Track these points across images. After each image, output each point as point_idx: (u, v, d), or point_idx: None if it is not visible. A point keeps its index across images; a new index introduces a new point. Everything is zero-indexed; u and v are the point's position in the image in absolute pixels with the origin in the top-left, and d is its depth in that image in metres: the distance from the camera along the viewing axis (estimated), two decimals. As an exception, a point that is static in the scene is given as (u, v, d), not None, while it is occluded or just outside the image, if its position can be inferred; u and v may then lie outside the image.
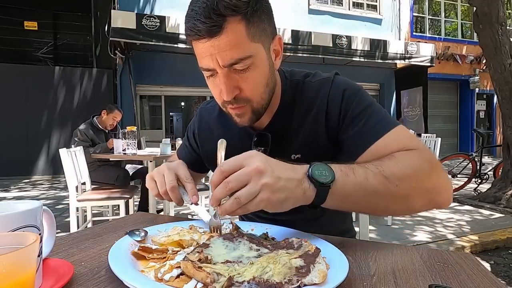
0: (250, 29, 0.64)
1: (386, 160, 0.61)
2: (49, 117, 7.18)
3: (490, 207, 4.05)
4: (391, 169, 0.59)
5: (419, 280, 0.46)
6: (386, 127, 0.69)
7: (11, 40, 7.95)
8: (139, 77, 7.50)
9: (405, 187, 0.59)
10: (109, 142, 3.31)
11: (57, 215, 3.80)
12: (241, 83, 0.68)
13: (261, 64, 0.69)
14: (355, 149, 0.71)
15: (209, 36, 0.61)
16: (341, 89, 0.76)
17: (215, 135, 0.89)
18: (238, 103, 0.70)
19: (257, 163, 0.50)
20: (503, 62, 4.15)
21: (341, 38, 7.26)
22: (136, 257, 0.51)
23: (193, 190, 0.68)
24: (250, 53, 0.65)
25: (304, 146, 0.79)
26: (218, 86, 0.68)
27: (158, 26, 5.95)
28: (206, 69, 0.68)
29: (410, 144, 0.67)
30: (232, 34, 0.62)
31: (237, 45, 0.63)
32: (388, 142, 0.67)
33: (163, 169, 0.71)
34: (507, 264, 2.61)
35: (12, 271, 0.32)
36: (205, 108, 0.96)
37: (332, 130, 0.76)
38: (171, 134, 9.55)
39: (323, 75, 0.82)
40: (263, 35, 0.67)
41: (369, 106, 0.73)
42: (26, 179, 6.96)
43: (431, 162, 0.64)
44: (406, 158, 0.62)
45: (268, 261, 0.45)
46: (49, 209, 0.51)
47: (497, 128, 10.82)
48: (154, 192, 0.72)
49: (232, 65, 0.65)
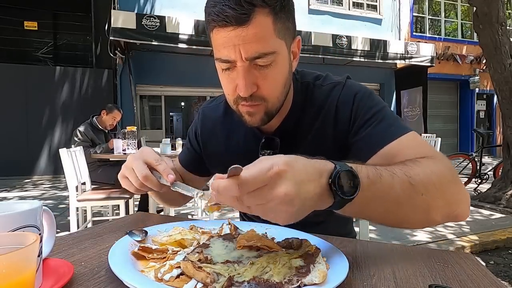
0: (277, 24, 0.62)
1: (412, 165, 0.56)
2: (49, 117, 7.18)
3: (490, 207, 4.05)
4: (418, 176, 0.54)
5: (419, 280, 0.46)
6: (399, 131, 0.66)
7: (11, 40, 7.94)
8: (139, 77, 7.50)
9: (430, 197, 0.54)
10: (109, 142, 3.31)
11: (57, 215, 3.80)
12: (260, 80, 0.65)
13: (283, 62, 0.67)
14: (365, 151, 0.68)
15: (237, 24, 0.59)
16: (352, 92, 0.74)
17: (219, 135, 0.87)
18: (254, 100, 0.67)
19: (285, 188, 0.41)
20: (503, 62, 4.14)
21: (341, 38, 7.26)
22: (136, 257, 0.51)
23: (166, 170, 0.63)
24: (274, 49, 0.63)
25: (311, 150, 0.74)
26: (234, 80, 0.65)
27: (158, 26, 5.94)
28: (225, 61, 0.64)
29: (427, 151, 0.63)
30: (259, 26, 0.60)
31: (263, 38, 0.61)
32: (401, 146, 0.64)
33: (130, 162, 0.66)
34: (507, 264, 2.60)
35: (12, 271, 0.32)
36: (208, 108, 0.93)
37: (341, 134, 0.74)
38: (171, 134, 9.54)
39: (334, 78, 0.79)
40: (287, 33, 0.66)
41: (381, 110, 0.71)
42: (27, 179, 6.96)
43: (453, 171, 0.60)
44: (431, 165, 0.57)
45: (268, 261, 0.45)
46: (50, 209, 0.51)
47: (497, 128, 10.82)
48: (131, 189, 0.67)
49: (254, 59, 0.62)
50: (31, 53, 8.12)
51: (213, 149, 0.88)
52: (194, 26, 6.07)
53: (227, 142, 0.85)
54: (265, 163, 0.42)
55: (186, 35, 6.04)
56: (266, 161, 0.43)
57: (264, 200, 0.42)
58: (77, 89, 7.37)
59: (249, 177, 0.40)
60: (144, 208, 3.36)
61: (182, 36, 6.04)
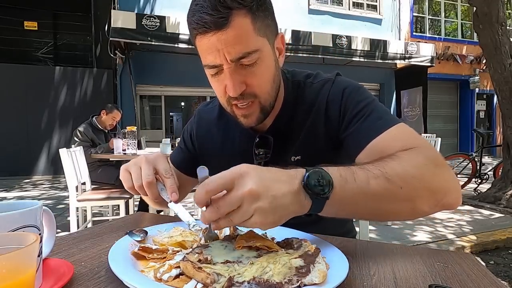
0: (256, 23, 0.63)
1: (389, 160, 0.57)
2: (49, 117, 7.18)
3: (490, 207, 4.05)
4: (394, 170, 0.54)
5: (419, 280, 0.46)
6: (386, 124, 0.67)
7: (11, 40, 7.94)
8: (139, 77, 7.50)
9: (410, 189, 0.54)
10: (110, 142, 3.31)
11: (57, 215, 3.80)
12: (248, 78, 0.66)
13: (268, 59, 0.68)
14: (354, 146, 0.69)
15: (216, 29, 0.60)
16: (341, 88, 0.75)
17: (215, 137, 0.88)
18: (246, 98, 0.68)
19: (250, 185, 0.44)
20: (503, 62, 4.14)
21: (341, 38, 7.26)
22: (136, 257, 0.51)
23: (172, 187, 0.61)
24: (257, 47, 0.64)
25: (304, 148, 0.78)
26: (223, 82, 0.67)
27: (158, 26, 5.95)
28: (212, 66, 0.66)
29: (413, 142, 0.63)
30: (239, 28, 0.61)
31: (244, 38, 0.62)
32: (388, 139, 0.65)
33: (140, 161, 0.64)
34: (507, 264, 2.60)
35: (12, 271, 0.32)
36: (204, 110, 0.94)
37: (332, 130, 0.75)
38: (171, 134, 9.54)
39: (324, 76, 0.81)
40: (268, 30, 0.67)
41: (370, 103, 0.72)
42: (27, 179, 6.96)
43: (436, 160, 0.60)
44: (410, 158, 0.58)
45: (268, 261, 0.45)
46: (50, 209, 0.51)
47: (497, 128, 10.81)
48: (127, 184, 0.64)
49: (239, 60, 0.63)
50: (31, 53, 8.12)
51: (208, 150, 0.89)
52: (194, 26, 6.06)
53: (222, 143, 0.87)
54: (230, 169, 0.46)
55: (186, 35, 6.04)
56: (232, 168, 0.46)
57: (235, 204, 0.44)
58: (77, 89, 7.37)
59: (211, 181, 0.45)
60: (144, 208, 3.36)
61: (182, 36, 6.04)
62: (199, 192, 0.45)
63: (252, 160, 0.81)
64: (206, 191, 0.45)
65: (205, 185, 0.45)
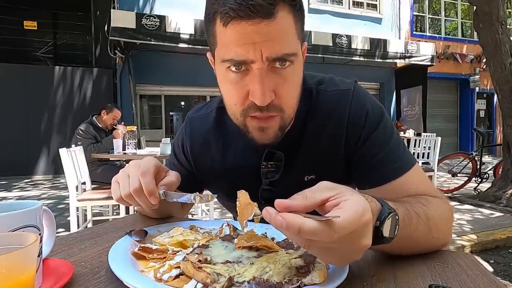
0: (297, 23, 0.56)
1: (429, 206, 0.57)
2: (49, 116, 7.19)
3: (490, 206, 4.04)
4: (434, 219, 0.56)
5: (419, 280, 0.46)
6: (405, 166, 0.65)
7: (11, 40, 7.93)
8: (139, 77, 7.50)
9: (438, 238, 0.58)
10: (115, 132, 3.34)
11: (57, 215, 3.80)
12: (279, 86, 0.56)
13: (299, 67, 0.59)
14: (369, 179, 0.67)
15: (262, 17, 0.50)
16: (363, 109, 0.67)
17: (213, 148, 0.77)
18: (270, 111, 0.57)
19: (369, 239, 0.40)
20: (503, 61, 4.14)
21: (341, 37, 7.25)
22: (136, 257, 0.51)
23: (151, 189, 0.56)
24: (295, 50, 0.55)
25: (319, 167, 0.70)
26: (246, 87, 0.56)
27: (158, 26, 5.94)
28: (238, 62, 0.53)
29: (429, 189, 0.65)
30: (284, 23, 0.52)
31: (288, 36, 0.54)
32: (406, 184, 0.64)
33: (128, 168, 0.59)
34: (507, 263, 2.60)
35: (12, 271, 0.32)
36: (197, 117, 0.81)
37: (349, 150, 0.69)
38: (171, 133, 9.53)
39: (339, 84, 0.71)
40: (301, 35, 0.59)
41: (391, 137, 0.68)
42: (27, 179, 6.96)
43: (452, 211, 0.64)
44: (441, 208, 0.60)
45: (268, 261, 0.45)
46: (50, 209, 0.51)
47: (497, 127, 10.81)
48: (115, 196, 0.60)
49: (274, 61, 0.54)
50: (31, 53, 8.10)
51: (207, 164, 0.78)
52: (194, 26, 6.06)
53: (223, 156, 0.76)
54: (357, 208, 0.38)
55: (186, 34, 6.04)
56: (355, 204, 0.38)
57: (349, 247, 0.39)
58: (77, 88, 7.37)
59: (346, 223, 0.36)
60: (144, 207, 3.36)
61: (181, 35, 6.05)
62: (323, 229, 0.36)
63: (258, 177, 0.73)
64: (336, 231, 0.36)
65: (337, 224, 0.36)
